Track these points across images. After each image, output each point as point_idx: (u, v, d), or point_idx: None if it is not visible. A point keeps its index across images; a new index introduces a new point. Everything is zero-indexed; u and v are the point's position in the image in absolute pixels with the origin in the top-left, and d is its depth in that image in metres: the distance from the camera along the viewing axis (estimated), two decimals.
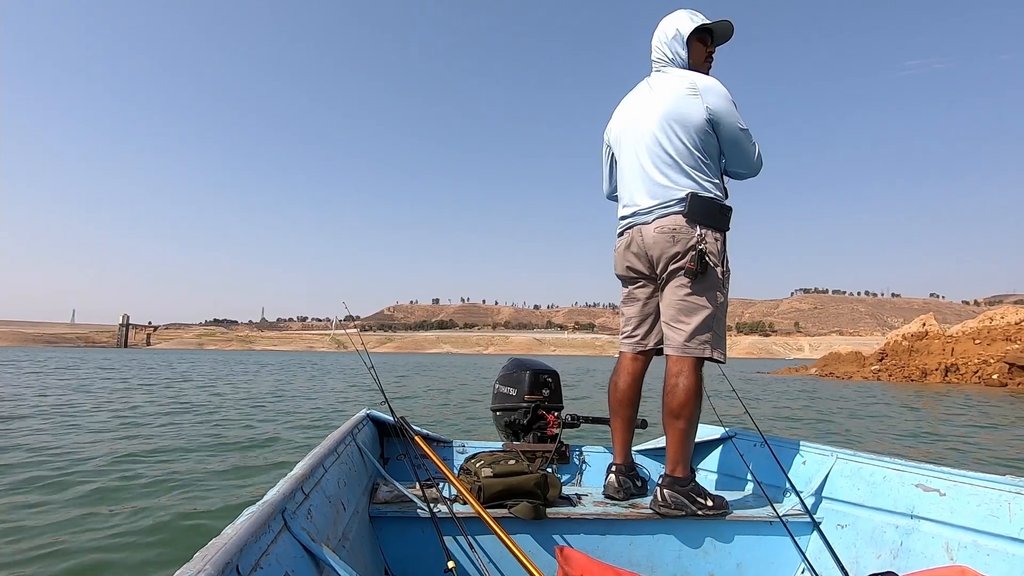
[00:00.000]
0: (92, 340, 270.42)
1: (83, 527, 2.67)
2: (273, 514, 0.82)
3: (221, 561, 0.61)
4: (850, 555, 1.53)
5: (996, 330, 23.27)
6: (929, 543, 1.39)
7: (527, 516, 1.51)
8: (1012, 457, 5.59)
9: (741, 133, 1.75)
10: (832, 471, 1.72)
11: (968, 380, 19.68)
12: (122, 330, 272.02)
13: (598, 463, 2.18)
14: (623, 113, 1.94)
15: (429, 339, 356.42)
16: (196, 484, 3.52)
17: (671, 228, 1.70)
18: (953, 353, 22.55)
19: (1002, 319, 24.42)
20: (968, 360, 21.16)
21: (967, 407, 11.25)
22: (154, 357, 47.95)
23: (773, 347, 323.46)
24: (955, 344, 23.45)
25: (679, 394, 1.66)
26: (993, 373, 19.07)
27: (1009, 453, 5.82)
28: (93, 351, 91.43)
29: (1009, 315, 24.60)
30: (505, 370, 2.34)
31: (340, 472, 1.33)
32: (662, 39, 1.86)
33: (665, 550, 1.61)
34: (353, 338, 2.33)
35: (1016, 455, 5.75)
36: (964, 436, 7.02)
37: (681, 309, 1.71)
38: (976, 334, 24.00)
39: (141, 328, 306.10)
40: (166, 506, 3.03)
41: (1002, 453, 5.84)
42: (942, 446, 6.27)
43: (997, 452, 5.89)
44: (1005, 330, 22.76)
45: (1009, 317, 24.32)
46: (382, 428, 2.06)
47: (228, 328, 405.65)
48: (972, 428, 7.81)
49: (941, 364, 21.54)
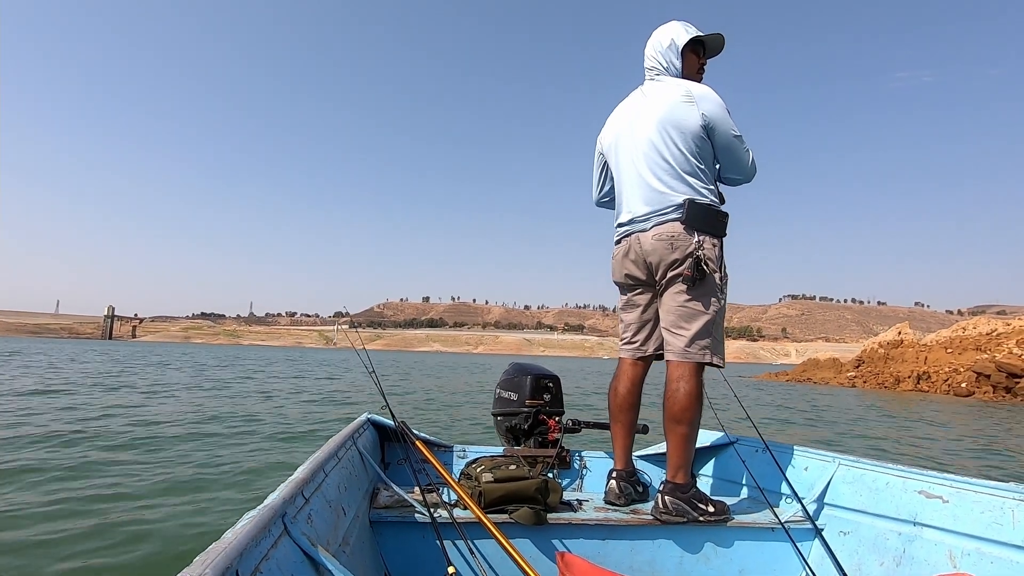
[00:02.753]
0: (76, 331, 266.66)
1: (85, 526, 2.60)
2: (273, 518, 0.82)
3: (221, 566, 0.61)
4: (852, 562, 1.52)
5: (968, 340, 23.92)
6: (932, 550, 1.38)
7: (528, 521, 1.50)
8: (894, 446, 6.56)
9: (735, 140, 1.78)
10: (834, 477, 1.71)
11: (938, 388, 20.07)
12: (107, 322, 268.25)
13: (599, 468, 2.17)
14: (617, 121, 1.95)
15: (419, 337, 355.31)
16: (197, 487, 3.45)
17: (669, 235, 1.71)
18: (926, 362, 23.04)
19: (974, 329, 25.17)
20: (939, 369, 21.63)
21: (919, 410, 12.00)
22: (143, 349, 47.45)
23: (760, 352, 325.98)
24: (928, 353, 24.00)
25: (680, 399, 1.67)
26: (962, 382, 19.51)
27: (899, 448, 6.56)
28: (78, 342, 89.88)
29: (981, 326, 25.35)
30: (506, 375, 2.32)
31: (341, 476, 1.32)
32: (656, 48, 1.88)
33: (666, 556, 1.60)
34: (354, 342, 2.31)
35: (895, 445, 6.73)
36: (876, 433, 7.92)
37: (681, 315, 1.72)
38: (949, 343, 24.65)
39: (127, 320, 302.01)
40: (165, 507, 2.97)
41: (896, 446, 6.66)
42: (844, 435, 7.43)
43: (887, 442, 6.93)
44: (976, 340, 23.38)
45: (981, 328, 25.06)
46: (383, 432, 2.04)
47: (215, 322, 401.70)
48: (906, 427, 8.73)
49: (914, 372, 21.97)
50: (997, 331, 23.73)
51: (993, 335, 23.33)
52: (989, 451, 6.65)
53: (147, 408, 7.28)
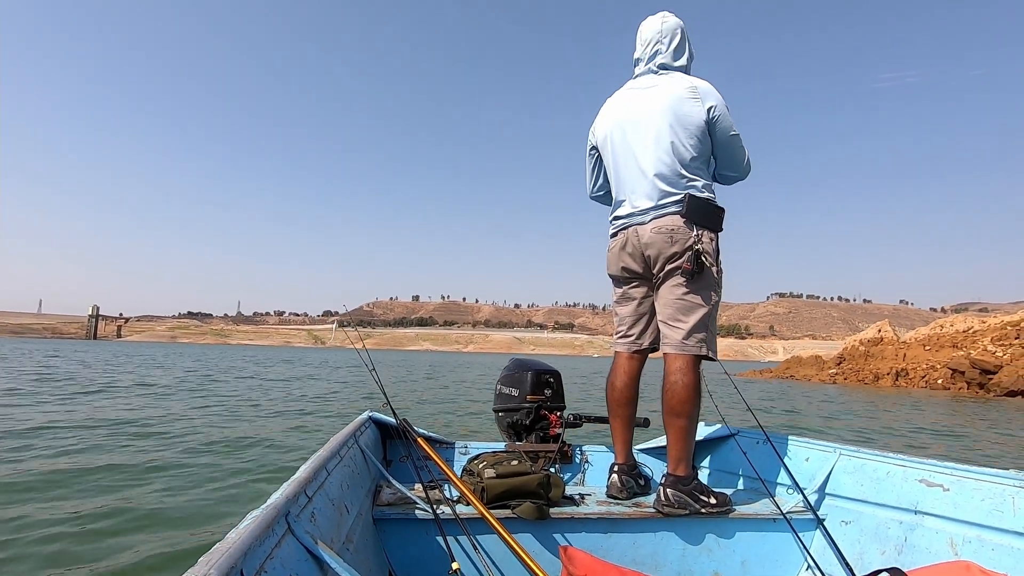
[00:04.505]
0: (60, 331, 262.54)
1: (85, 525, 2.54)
2: (277, 518, 0.82)
3: (225, 565, 0.62)
4: (854, 551, 1.53)
5: (945, 337, 24.47)
6: (933, 538, 1.39)
7: (530, 516, 1.51)
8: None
9: (734, 138, 1.79)
10: (835, 468, 1.73)
11: (916, 384, 20.53)
12: (92, 321, 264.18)
13: (601, 463, 2.17)
14: (613, 113, 1.91)
15: (408, 336, 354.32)
16: (202, 486, 3.41)
17: (669, 228, 1.71)
18: (905, 359, 23.53)
19: (951, 327, 25.77)
20: (917, 365, 22.10)
21: (890, 404, 12.43)
22: (129, 350, 46.64)
23: (748, 350, 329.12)
24: (907, 350, 24.50)
25: (679, 392, 1.67)
26: (938, 378, 20.00)
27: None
28: (61, 343, 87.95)
29: (958, 323, 25.95)
30: (507, 371, 2.32)
31: (343, 475, 1.32)
32: (654, 39, 1.86)
33: (669, 549, 1.61)
34: (354, 341, 2.33)
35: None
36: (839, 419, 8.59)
37: (679, 308, 1.73)
38: (927, 341, 25.23)
39: (112, 320, 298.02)
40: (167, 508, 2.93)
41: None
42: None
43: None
44: (953, 337, 23.94)
45: (958, 325, 25.65)
46: (384, 430, 2.04)
47: (202, 321, 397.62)
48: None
49: (893, 369, 22.45)
50: (973, 329, 24.30)
51: (969, 332, 23.90)
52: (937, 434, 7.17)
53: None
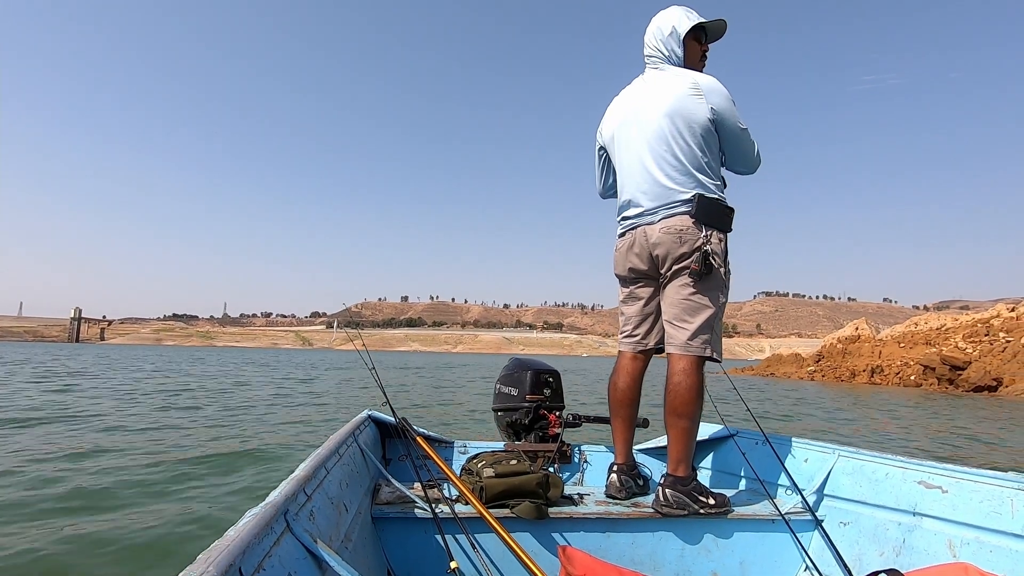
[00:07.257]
0: (41, 334, 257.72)
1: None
2: (275, 516, 0.82)
3: (224, 563, 0.61)
4: (853, 553, 1.53)
5: (919, 335, 25.00)
6: (932, 540, 1.39)
7: (529, 516, 1.51)
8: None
9: (742, 132, 1.76)
10: (834, 469, 1.72)
11: (890, 381, 20.81)
12: (74, 324, 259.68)
13: (600, 463, 2.17)
14: (618, 112, 1.90)
15: (397, 337, 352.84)
16: (196, 486, 3.40)
17: (678, 229, 1.69)
18: (880, 356, 23.90)
19: (926, 324, 26.41)
20: (892, 362, 22.38)
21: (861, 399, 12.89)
22: (118, 351, 45.67)
23: (736, 348, 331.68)
24: (883, 347, 24.94)
25: (682, 392, 1.66)
26: (911, 374, 20.37)
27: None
28: (43, 346, 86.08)
29: (932, 321, 26.61)
30: (506, 370, 2.31)
31: (342, 473, 1.31)
32: (657, 36, 1.84)
33: (667, 549, 1.61)
34: (354, 340, 2.37)
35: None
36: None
37: (685, 308, 1.71)
38: (902, 338, 25.74)
39: (95, 322, 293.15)
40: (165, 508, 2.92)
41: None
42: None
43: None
44: (927, 335, 24.46)
45: (932, 323, 26.29)
46: (383, 429, 2.03)
47: (188, 323, 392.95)
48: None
49: (868, 366, 22.74)
50: (946, 326, 24.86)
51: (942, 330, 24.42)
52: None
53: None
